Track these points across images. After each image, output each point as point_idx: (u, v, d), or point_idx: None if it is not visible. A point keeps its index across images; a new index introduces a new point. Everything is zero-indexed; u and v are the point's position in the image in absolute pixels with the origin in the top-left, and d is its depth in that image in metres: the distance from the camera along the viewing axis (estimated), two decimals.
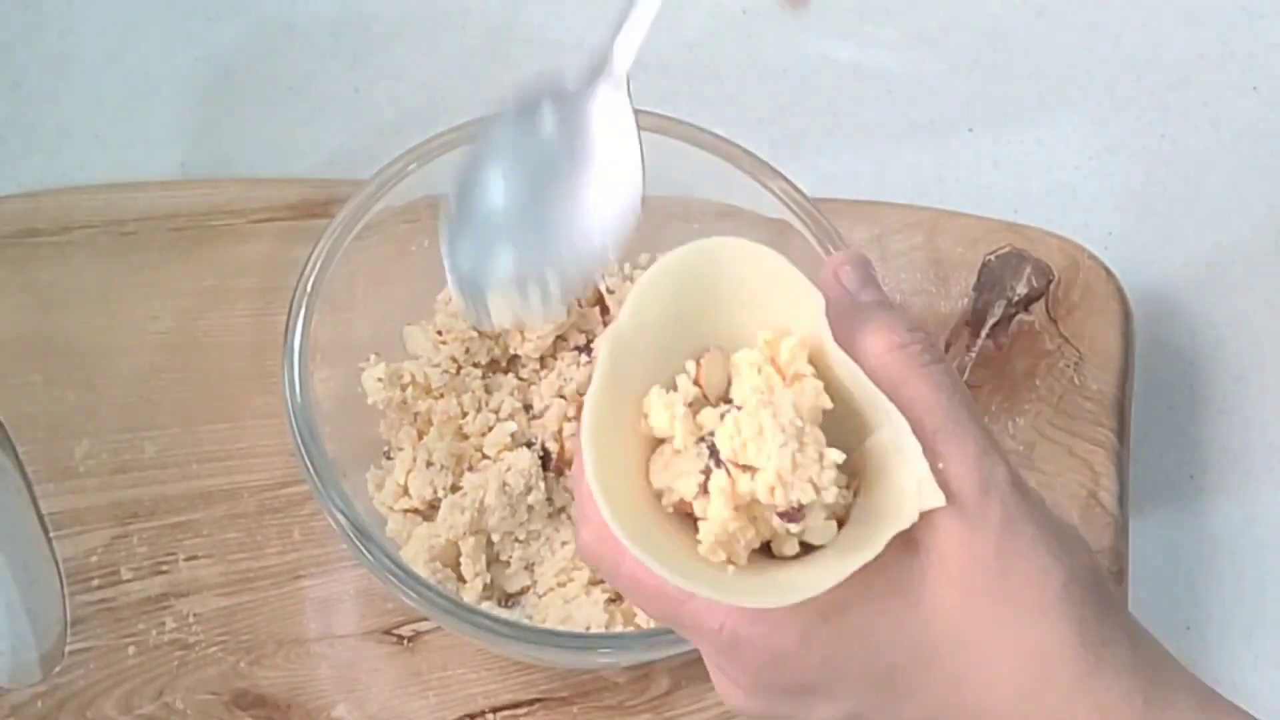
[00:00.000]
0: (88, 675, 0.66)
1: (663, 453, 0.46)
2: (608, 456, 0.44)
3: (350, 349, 0.66)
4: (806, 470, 0.43)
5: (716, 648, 0.45)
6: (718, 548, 0.44)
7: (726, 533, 0.44)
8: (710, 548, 0.44)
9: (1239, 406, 0.78)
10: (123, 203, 0.74)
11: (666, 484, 0.45)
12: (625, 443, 0.45)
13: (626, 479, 0.45)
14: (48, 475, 0.69)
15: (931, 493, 0.43)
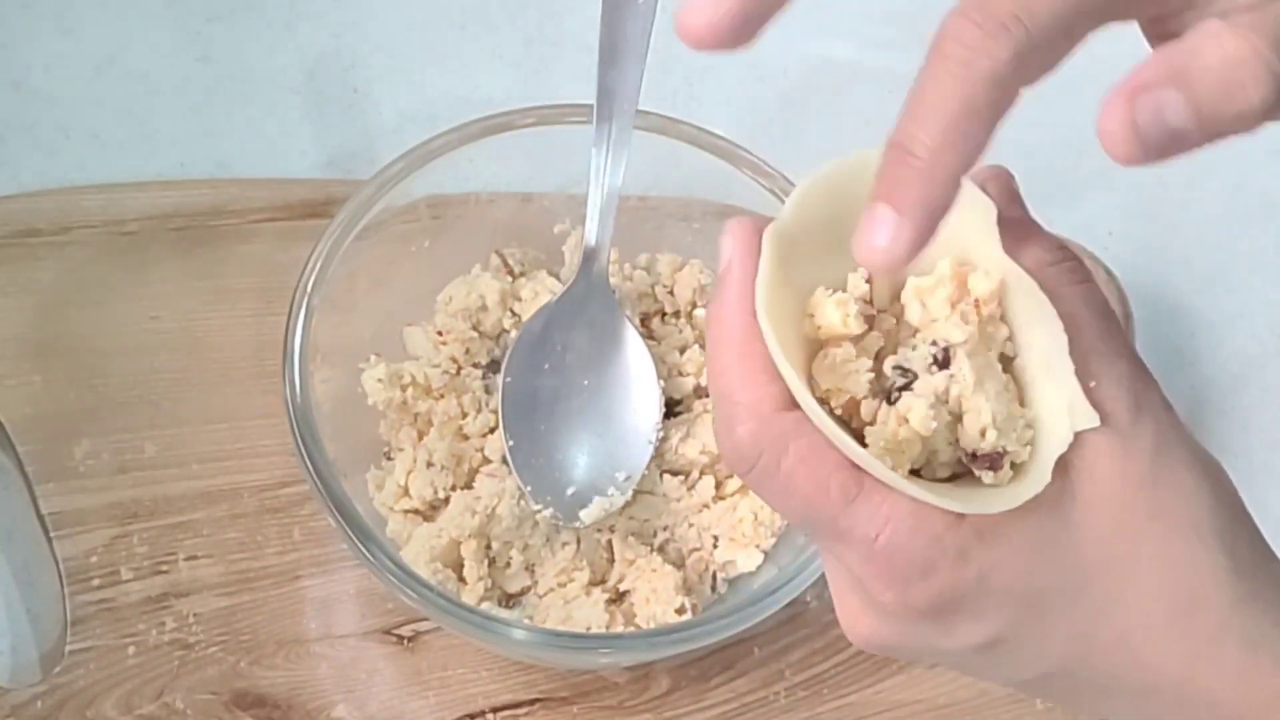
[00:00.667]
0: (88, 675, 0.66)
1: (828, 355, 0.44)
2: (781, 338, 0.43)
3: (350, 349, 0.66)
4: (1014, 423, 0.43)
5: (867, 556, 0.43)
6: (885, 453, 0.43)
7: (897, 439, 0.43)
8: (880, 450, 0.43)
9: (1239, 406, 0.78)
10: (123, 203, 0.74)
11: (835, 384, 0.44)
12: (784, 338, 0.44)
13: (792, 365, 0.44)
14: (48, 475, 0.69)
15: (1084, 412, 0.42)
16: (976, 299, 0.44)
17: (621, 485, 0.65)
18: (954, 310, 0.44)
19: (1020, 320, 0.44)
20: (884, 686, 0.69)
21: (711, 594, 0.67)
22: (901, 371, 0.44)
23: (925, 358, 0.43)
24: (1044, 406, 0.44)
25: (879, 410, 0.44)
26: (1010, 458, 0.43)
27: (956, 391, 0.43)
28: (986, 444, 0.43)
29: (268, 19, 0.82)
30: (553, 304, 0.66)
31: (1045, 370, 0.44)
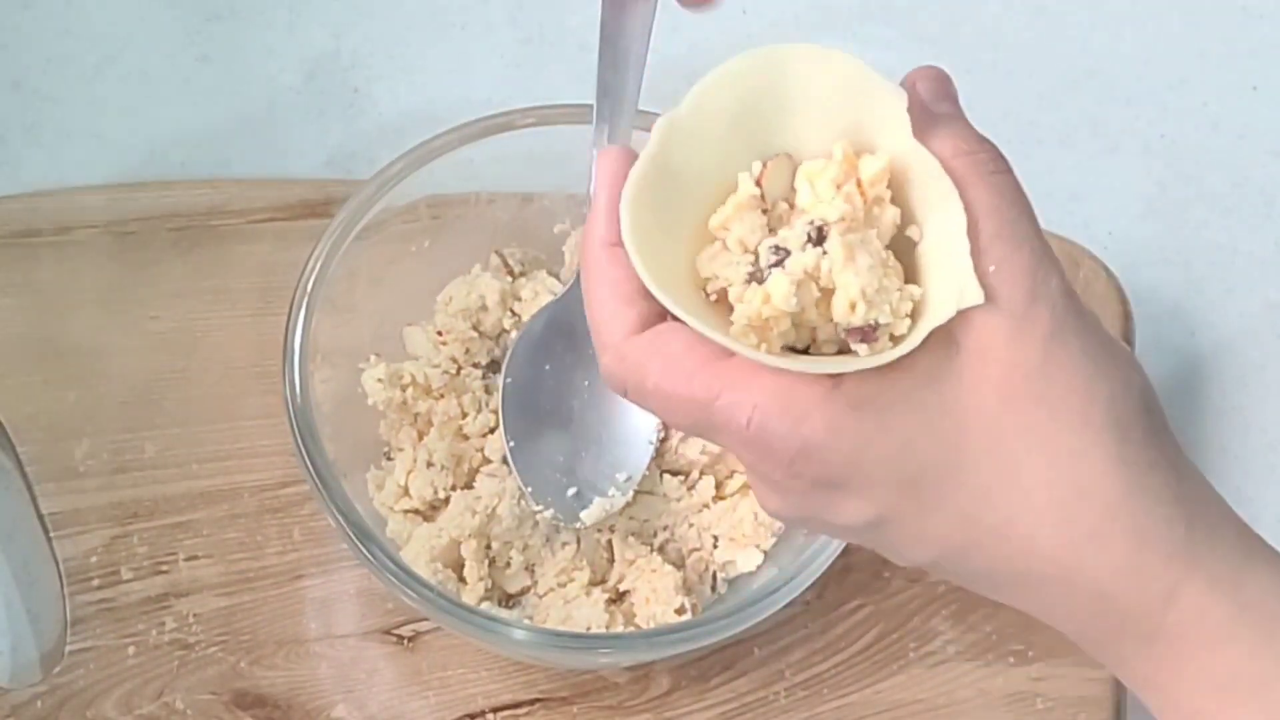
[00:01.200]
0: (88, 675, 0.66)
1: (709, 249, 0.45)
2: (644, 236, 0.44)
3: (350, 349, 0.66)
4: (887, 296, 0.43)
5: (745, 444, 0.43)
6: (750, 330, 0.43)
7: (761, 317, 0.43)
8: (743, 329, 0.43)
9: (1239, 406, 0.78)
10: (123, 203, 0.74)
11: (713, 271, 0.45)
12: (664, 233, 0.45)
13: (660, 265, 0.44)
14: (48, 475, 0.69)
15: (972, 289, 0.42)
16: (858, 179, 0.44)
17: (622, 486, 0.65)
18: (839, 192, 0.44)
19: (925, 206, 0.44)
20: (884, 686, 0.69)
21: (711, 594, 0.67)
22: (775, 250, 0.44)
23: (800, 235, 0.43)
24: (937, 282, 0.44)
25: (746, 290, 0.44)
26: (887, 330, 0.43)
27: (828, 267, 0.43)
28: (856, 317, 0.42)
29: (268, 19, 0.81)
30: (553, 304, 0.66)
31: (942, 252, 0.44)
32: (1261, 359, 0.79)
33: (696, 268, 0.45)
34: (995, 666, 0.69)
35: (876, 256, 0.43)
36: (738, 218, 0.45)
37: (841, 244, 0.43)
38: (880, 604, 0.70)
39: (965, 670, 0.69)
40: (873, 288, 0.43)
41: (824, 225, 0.43)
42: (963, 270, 0.43)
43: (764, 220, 0.45)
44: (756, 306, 0.43)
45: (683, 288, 0.45)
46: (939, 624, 0.70)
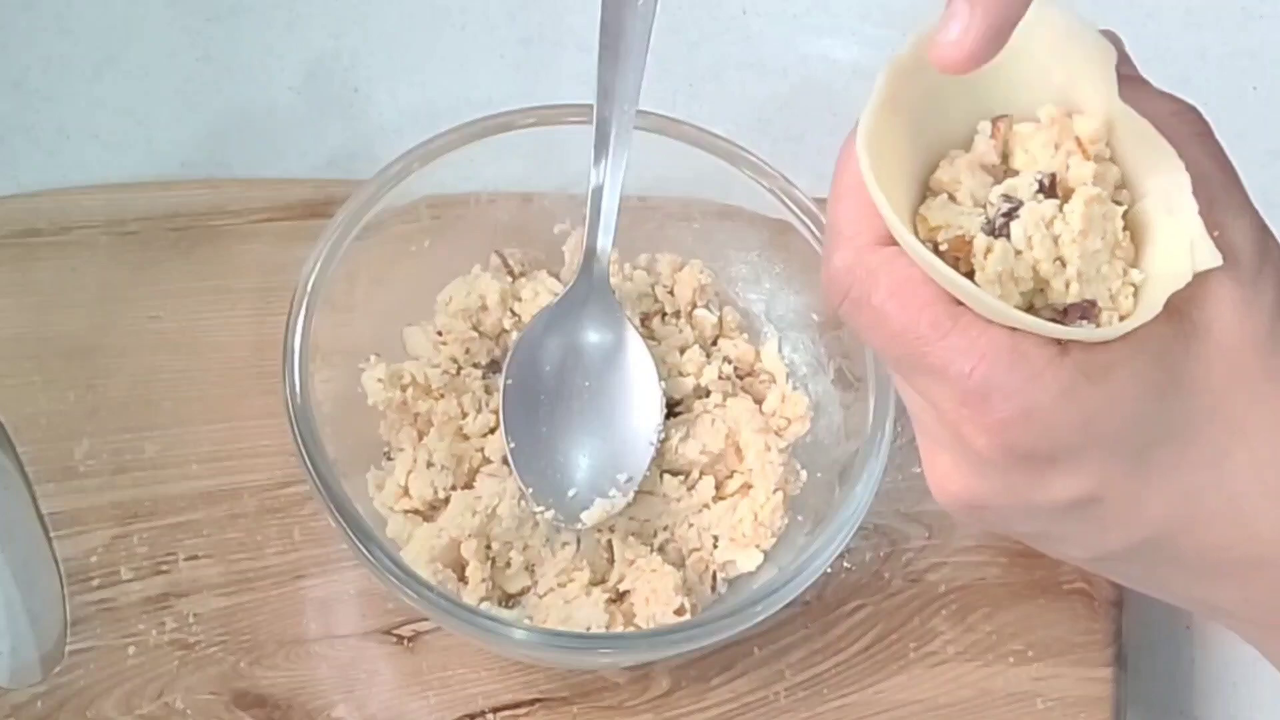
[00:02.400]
0: (88, 675, 0.66)
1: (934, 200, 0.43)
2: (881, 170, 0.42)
3: (350, 349, 0.66)
4: (1105, 281, 0.41)
5: (961, 396, 0.40)
6: (995, 284, 0.41)
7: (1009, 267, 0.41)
8: (991, 279, 0.41)
9: None
10: (123, 203, 0.74)
11: (944, 220, 0.43)
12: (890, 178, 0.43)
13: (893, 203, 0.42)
14: (48, 475, 0.69)
15: (1207, 250, 0.40)
16: (1078, 138, 0.42)
17: (623, 487, 0.65)
18: (1059, 151, 0.42)
19: (1138, 166, 0.43)
20: (884, 686, 0.69)
21: (711, 594, 0.67)
22: (1005, 198, 0.42)
23: (1030, 184, 0.42)
24: (1163, 247, 0.42)
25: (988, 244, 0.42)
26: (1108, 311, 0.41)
27: (1060, 230, 0.41)
28: (1071, 294, 0.41)
29: (268, 19, 0.81)
30: (553, 306, 0.66)
31: (1166, 212, 0.42)
32: None
33: (921, 218, 0.43)
34: (995, 666, 0.69)
35: (1111, 236, 0.41)
36: (970, 172, 0.43)
37: (1083, 213, 0.41)
38: (880, 604, 0.70)
39: (965, 670, 0.69)
40: (1091, 271, 0.41)
41: (1054, 175, 0.42)
42: (1195, 233, 0.41)
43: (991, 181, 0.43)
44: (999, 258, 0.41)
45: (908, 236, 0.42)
46: (939, 624, 0.70)
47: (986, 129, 0.44)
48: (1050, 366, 0.40)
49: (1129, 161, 0.43)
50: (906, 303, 0.41)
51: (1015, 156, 0.43)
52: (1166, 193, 0.42)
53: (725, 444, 0.67)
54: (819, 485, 0.67)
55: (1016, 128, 0.43)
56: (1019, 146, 0.43)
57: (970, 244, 0.42)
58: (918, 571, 0.70)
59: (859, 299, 0.42)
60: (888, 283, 0.41)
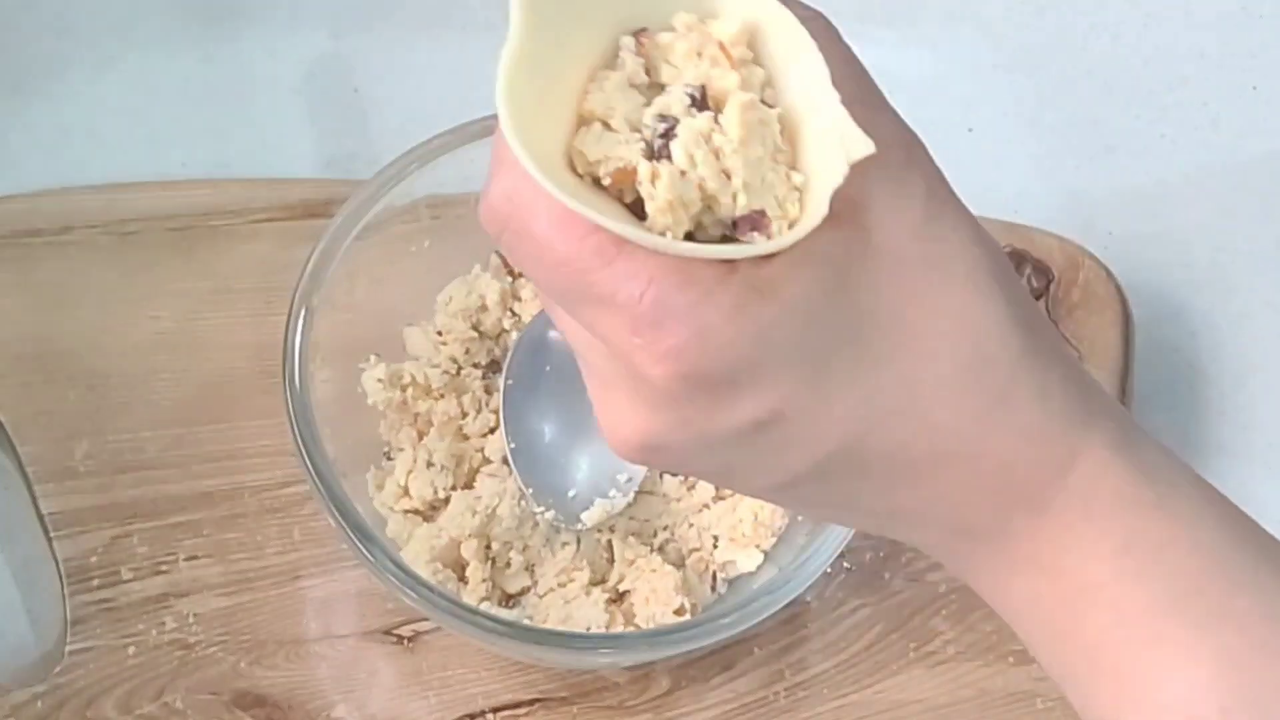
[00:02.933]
0: (88, 675, 0.66)
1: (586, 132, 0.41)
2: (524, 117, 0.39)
3: (350, 349, 0.66)
4: (775, 188, 0.40)
5: (633, 323, 0.38)
6: (667, 211, 0.39)
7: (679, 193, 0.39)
8: (663, 206, 0.39)
9: (1239, 407, 0.78)
10: (123, 203, 0.74)
11: (604, 153, 0.40)
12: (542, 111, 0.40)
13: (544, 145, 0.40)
14: (48, 475, 0.69)
15: (857, 139, 0.39)
16: (721, 43, 0.41)
17: (623, 487, 0.65)
18: (703, 59, 0.41)
19: (780, 65, 0.41)
20: (884, 686, 0.69)
21: (711, 594, 0.67)
22: (660, 118, 0.40)
23: (682, 99, 0.40)
24: (817, 145, 0.40)
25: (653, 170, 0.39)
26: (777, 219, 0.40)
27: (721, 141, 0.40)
28: (740, 207, 0.39)
29: (268, 19, 0.81)
30: None
31: (813, 110, 0.40)
32: (1261, 359, 0.79)
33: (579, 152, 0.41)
34: (995, 666, 0.69)
35: (770, 143, 0.40)
36: (620, 94, 0.41)
37: (740, 120, 0.40)
38: (880, 604, 0.70)
39: (965, 670, 0.69)
40: (756, 180, 0.39)
41: (703, 86, 0.40)
42: (844, 124, 0.39)
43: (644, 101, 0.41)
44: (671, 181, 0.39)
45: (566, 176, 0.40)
46: (939, 624, 0.70)
47: (630, 44, 0.41)
48: (720, 285, 0.38)
49: (771, 63, 0.41)
50: (569, 230, 0.39)
51: (661, 71, 0.41)
52: (809, 90, 0.40)
53: None
54: None
55: (658, 38, 0.41)
56: (663, 59, 0.41)
57: (634, 173, 0.40)
58: (918, 571, 0.70)
59: (520, 229, 0.39)
60: (549, 210, 0.39)
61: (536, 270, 0.40)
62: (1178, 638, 0.41)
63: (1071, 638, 0.43)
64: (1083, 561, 0.42)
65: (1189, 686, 0.41)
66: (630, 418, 0.41)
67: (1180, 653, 0.41)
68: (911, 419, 0.41)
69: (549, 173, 0.39)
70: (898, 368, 0.40)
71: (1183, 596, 0.41)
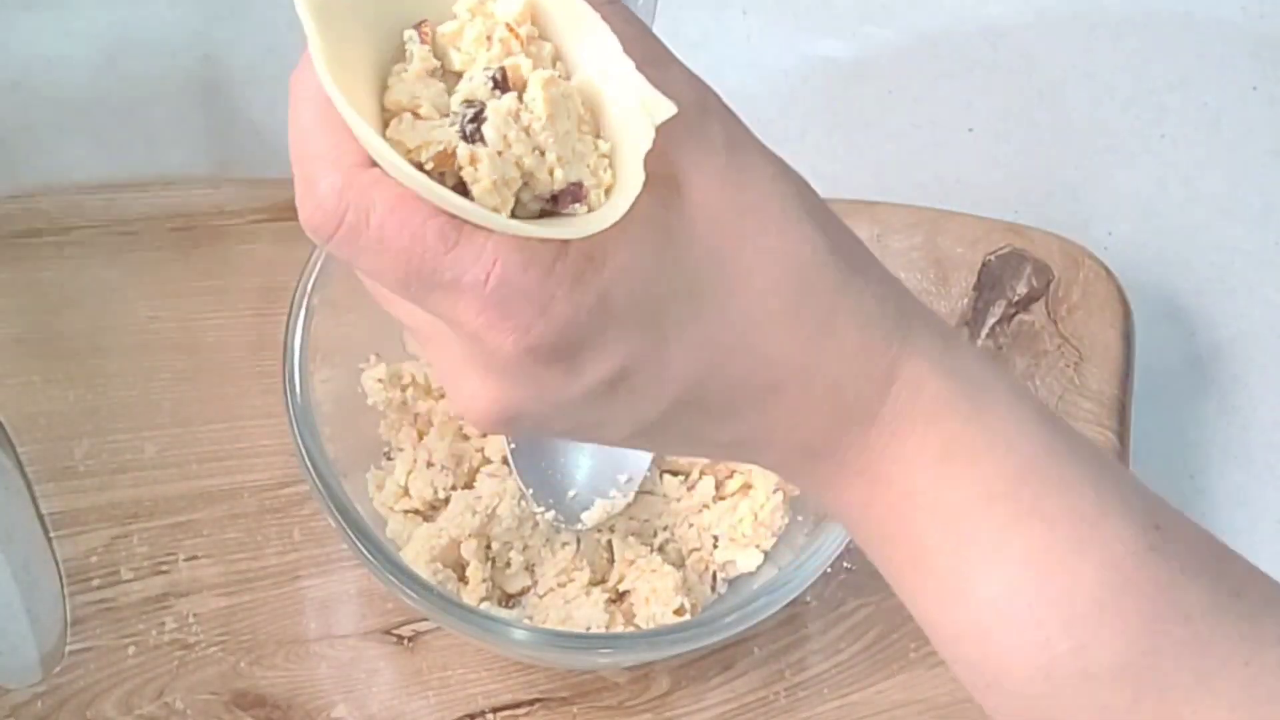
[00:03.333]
0: (88, 675, 0.66)
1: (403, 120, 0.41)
2: None
3: (350, 349, 0.66)
4: (586, 158, 0.41)
5: (479, 305, 0.39)
6: (494, 191, 0.40)
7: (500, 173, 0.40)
8: (489, 187, 0.40)
9: (1239, 406, 0.78)
10: (123, 203, 0.74)
11: (421, 139, 0.40)
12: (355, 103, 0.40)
13: None
14: (48, 475, 0.69)
15: (659, 103, 0.40)
16: (508, 24, 0.42)
17: (623, 487, 0.65)
18: (490, 44, 0.42)
19: (567, 39, 0.42)
20: (884, 686, 0.69)
21: (711, 594, 0.67)
22: (468, 103, 0.41)
23: (485, 83, 0.41)
24: (618, 112, 0.42)
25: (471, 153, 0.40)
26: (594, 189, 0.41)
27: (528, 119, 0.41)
28: (558, 181, 0.41)
29: (268, 19, 0.81)
30: None
31: (606, 79, 0.42)
32: (1261, 359, 0.79)
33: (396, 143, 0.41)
34: None
35: (575, 115, 0.41)
36: (421, 84, 0.41)
37: (545, 98, 0.41)
38: (880, 604, 0.70)
39: None
40: (568, 152, 0.41)
41: (503, 68, 0.41)
42: (642, 88, 0.41)
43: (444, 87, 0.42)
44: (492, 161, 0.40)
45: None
46: None
47: (414, 36, 0.42)
48: (559, 260, 0.40)
49: (558, 37, 0.43)
50: (408, 218, 0.39)
51: (454, 59, 0.42)
52: (600, 59, 0.42)
53: None
54: None
55: (441, 28, 0.42)
56: (452, 47, 0.42)
57: (453, 155, 0.40)
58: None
59: (355, 224, 0.39)
60: (384, 200, 0.39)
61: (376, 263, 0.40)
62: (989, 538, 0.43)
63: (898, 542, 0.45)
64: (906, 469, 0.44)
65: (1000, 585, 0.43)
66: (485, 392, 0.42)
67: (990, 552, 0.43)
68: (746, 356, 0.43)
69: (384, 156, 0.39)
70: (730, 311, 0.42)
71: (996, 498, 0.43)
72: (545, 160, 0.41)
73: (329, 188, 0.40)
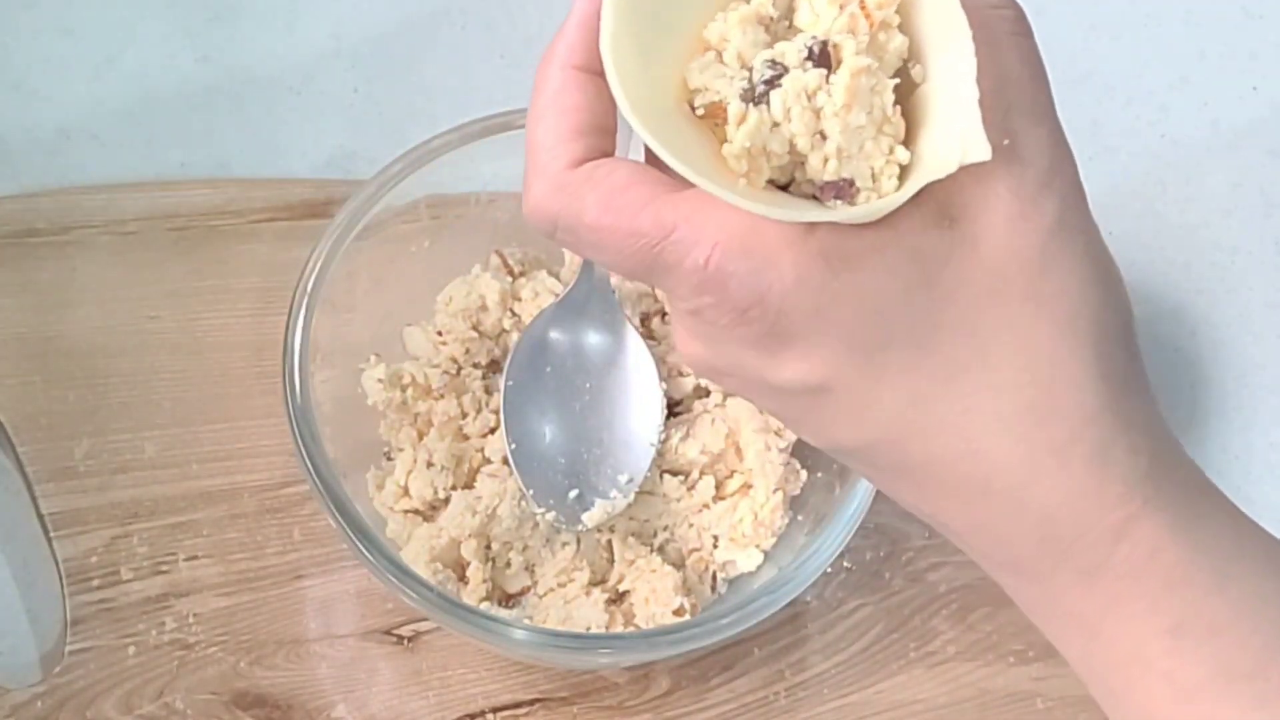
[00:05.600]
0: (88, 675, 0.66)
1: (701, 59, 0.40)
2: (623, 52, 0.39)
3: (350, 349, 0.66)
4: (872, 160, 0.39)
5: (697, 287, 0.39)
6: (743, 157, 0.39)
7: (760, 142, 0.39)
8: (739, 152, 0.38)
9: (1239, 406, 0.78)
10: (123, 203, 0.74)
11: (704, 83, 0.40)
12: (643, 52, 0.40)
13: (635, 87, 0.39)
14: (48, 475, 0.69)
15: (978, 145, 0.37)
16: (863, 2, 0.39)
17: (624, 488, 0.65)
18: (841, 11, 0.39)
19: (932, 42, 0.39)
20: (884, 687, 0.69)
21: (711, 594, 0.67)
22: (771, 64, 0.39)
23: (800, 51, 0.39)
24: (938, 132, 0.39)
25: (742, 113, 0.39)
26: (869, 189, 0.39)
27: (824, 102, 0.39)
28: (829, 172, 0.39)
29: (268, 19, 0.81)
30: (554, 306, 0.66)
31: (947, 96, 0.39)
32: (1261, 359, 0.79)
33: (685, 80, 0.40)
34: (995, 666, 0.69)
35: (878, 111, 0.39)
36: (740, 29, 0.40)
37: (848, 85, 0.38)
38: (880, 604, 0.70)
39: (965, 670, 0.69)
40: (853, 148, 0.39)
41: (826, 42, 0.39)
42: (969, 122, 0.38)
43: (768, 39, 0.40)
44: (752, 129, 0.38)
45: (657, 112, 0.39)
46: (939, 624, 0.70)
47: None
48: (790, 249, 0.38)
49: (924, 35, 0.40)
50: (621, 212, 0.39)
51: (800, 13, 0.40)
52: (953, 75, 0.39)
53: (725, 444, 0.67)
54: (819, 485, 0.67)
55: None
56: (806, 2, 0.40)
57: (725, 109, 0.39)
58: (918, 571, 0.70)
59: (572, 224, 0.40)
60: (595, 199, 0.40)
61: (601, 255, 0.41)
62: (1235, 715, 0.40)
63: (1123, 702, 0.42)
64: (1133, 634, 0.41)
65: None
66: (695, 346, 0.42)
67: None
68: (958, 441, 0.40)
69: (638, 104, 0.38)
70: (957, 387, 0.40)
71: (1241, 678, 0.40)
72: (824, 147, 0.39)
73: (539, 191, 0.41)
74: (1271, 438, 0.77)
